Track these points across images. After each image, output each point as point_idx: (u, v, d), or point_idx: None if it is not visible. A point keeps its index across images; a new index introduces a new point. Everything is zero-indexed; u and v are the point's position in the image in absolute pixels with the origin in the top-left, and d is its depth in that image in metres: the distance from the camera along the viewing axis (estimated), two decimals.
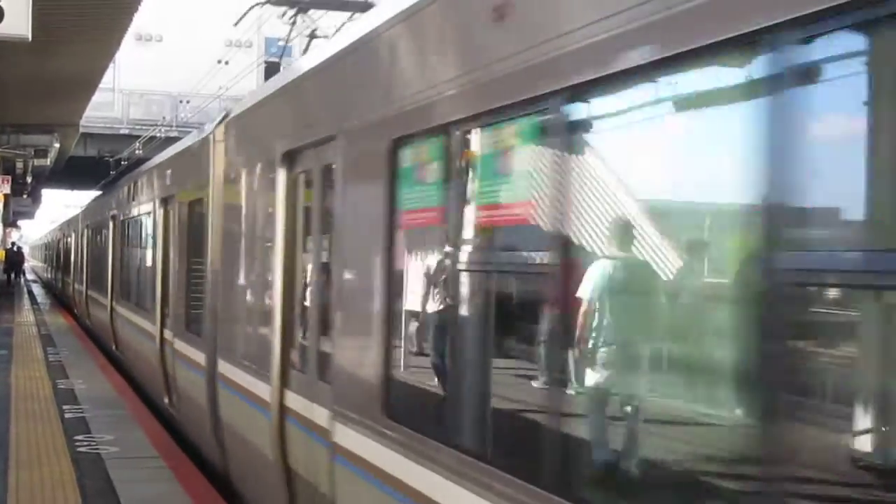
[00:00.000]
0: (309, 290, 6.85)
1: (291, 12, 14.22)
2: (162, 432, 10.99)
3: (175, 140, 36.09)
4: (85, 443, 10.09)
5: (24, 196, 41.65)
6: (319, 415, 6.17)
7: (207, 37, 39.41)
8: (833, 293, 2.96)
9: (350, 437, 5.61)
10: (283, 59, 17.26)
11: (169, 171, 13.11)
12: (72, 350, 18.83)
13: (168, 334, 11.81)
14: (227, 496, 8.37)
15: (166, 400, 12.00)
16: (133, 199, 16.37)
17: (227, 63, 29.86)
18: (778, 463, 2.85)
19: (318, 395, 6.26)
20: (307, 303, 6.84)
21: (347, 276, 6.09)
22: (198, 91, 33.54)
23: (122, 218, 17.36)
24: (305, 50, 13.34)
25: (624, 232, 3.71)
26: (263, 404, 7.24)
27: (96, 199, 25.69)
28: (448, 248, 4.89)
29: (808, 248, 2.87)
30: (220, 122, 9.78)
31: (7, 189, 27.28)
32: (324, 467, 6.04)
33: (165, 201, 12.81)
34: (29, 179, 32.70)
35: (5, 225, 39.62)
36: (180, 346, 10.96)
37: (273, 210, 7.29)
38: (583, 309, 3.79)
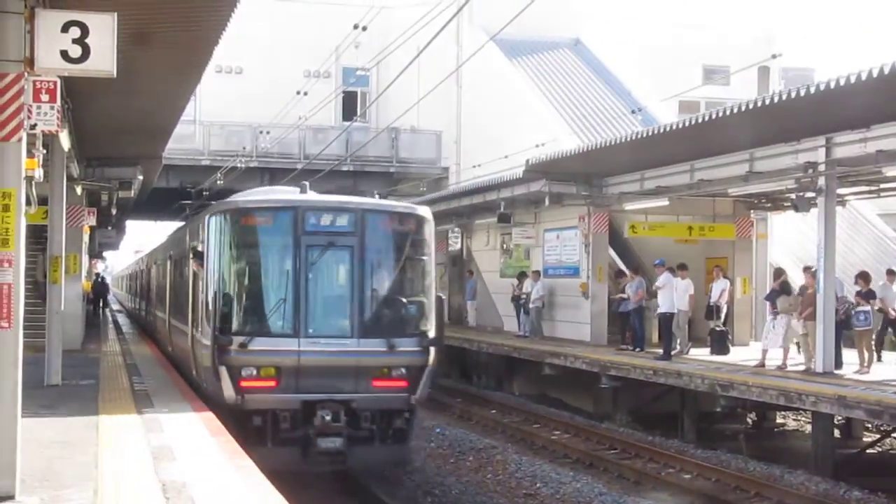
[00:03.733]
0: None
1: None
2: (246, 459, 11.11)
3: (255, 170, 36.45)
4: (170, 469, 10.23)
5: (109, 228, 42.42)
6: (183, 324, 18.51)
7: (286, 68, 39.92)
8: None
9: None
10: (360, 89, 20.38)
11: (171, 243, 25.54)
12: (157, 379, 19.10)
13: (170, 318, 22.46)
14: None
15: (169, 348, 22.44)
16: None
17: (305, 94, 30.19)
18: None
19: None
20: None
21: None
22: (278, 122, 33.94)
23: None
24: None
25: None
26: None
27: (175, 231, 28.47)
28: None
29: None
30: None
31: (93, 221, 27.78)
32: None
33: (170, 258, 23.78)
34: (113, 211, 33.29)
35: (91, 256, 40.30)
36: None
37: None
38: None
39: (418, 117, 39.20)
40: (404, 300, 15.79)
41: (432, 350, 15.53)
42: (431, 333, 15.62)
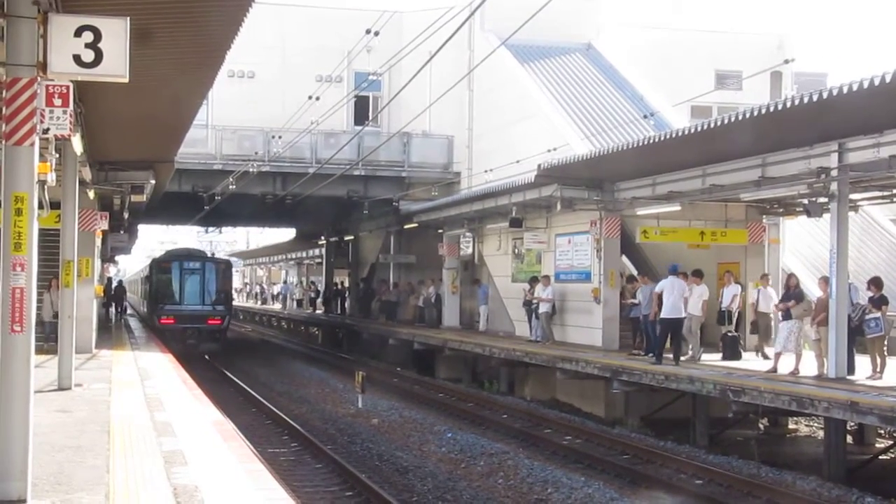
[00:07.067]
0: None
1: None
2: (255, 460, 11.13)
3: (267, 174, 36.46)
4: (182, 473, 10.25)
5: (121, 232, 42.54)
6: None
7: (298, 72, 39.99)
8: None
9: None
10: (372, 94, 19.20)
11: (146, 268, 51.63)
12: (169, 382, 19.14)
13: (144, 302, 49.77)
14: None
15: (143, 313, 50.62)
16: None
17: (318, 99, 30.20)
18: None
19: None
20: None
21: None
22: (290, 126, 33.99)
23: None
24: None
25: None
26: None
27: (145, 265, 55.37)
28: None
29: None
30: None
31: (105, 225, 27.82)
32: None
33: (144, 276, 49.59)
34: (126, 215, 33.38)
35: (104, 260, 40.60)
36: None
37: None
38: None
39: (430, 122, 39.24)
40: (220, 292, 40.53)
41: (230, 310, 42.25)
42: (228, 305, 41.49)
